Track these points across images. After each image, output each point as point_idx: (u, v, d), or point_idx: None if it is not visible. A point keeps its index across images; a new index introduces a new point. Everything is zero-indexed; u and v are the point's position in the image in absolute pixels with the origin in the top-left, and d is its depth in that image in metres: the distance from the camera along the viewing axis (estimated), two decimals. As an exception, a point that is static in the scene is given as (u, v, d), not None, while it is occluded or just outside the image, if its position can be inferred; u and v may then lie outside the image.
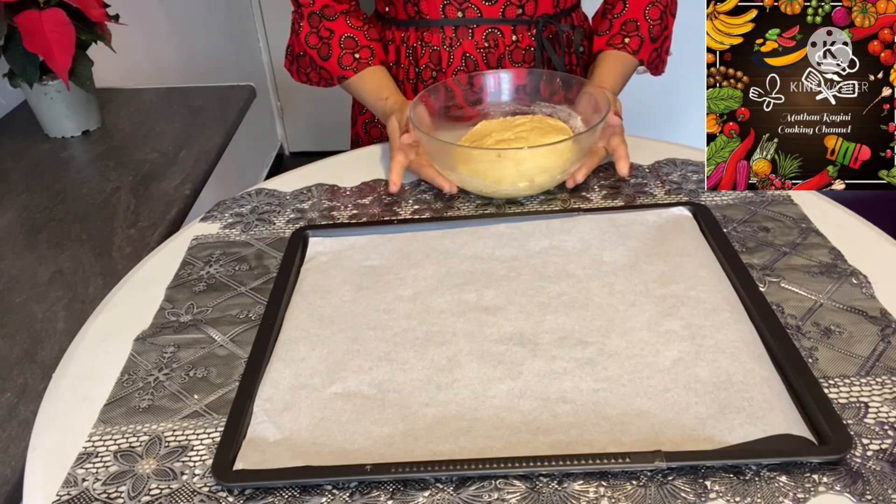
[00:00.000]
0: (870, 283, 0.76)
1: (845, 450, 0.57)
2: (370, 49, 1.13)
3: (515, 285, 0.78)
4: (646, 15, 1.12)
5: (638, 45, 1.11)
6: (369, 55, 1.13)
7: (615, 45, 1.11)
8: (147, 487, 0.60)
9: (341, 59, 1.12)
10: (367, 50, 1.13)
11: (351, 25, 1.13)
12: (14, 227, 1.09)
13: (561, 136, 0.96)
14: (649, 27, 1.11)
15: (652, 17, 1.12)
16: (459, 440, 0.61)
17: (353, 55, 1.12)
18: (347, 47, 1.12)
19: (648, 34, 1.12)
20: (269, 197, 1.00)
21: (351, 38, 1.12)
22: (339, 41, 1.12)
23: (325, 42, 1.13)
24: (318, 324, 0.75)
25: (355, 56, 1.12)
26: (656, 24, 1.12)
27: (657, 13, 1.12)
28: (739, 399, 0.62)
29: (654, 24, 1.12)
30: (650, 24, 1.12)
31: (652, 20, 1.12)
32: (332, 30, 1.12)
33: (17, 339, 0.86)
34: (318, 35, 1.13)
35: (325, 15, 1.13)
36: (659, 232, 0.84)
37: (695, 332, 0.69)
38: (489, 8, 1.12)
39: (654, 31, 1.12)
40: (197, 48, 2.34)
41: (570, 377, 0.66)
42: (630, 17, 1.12)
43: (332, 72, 1.14)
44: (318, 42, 1.13)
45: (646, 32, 1.11)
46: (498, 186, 0.91)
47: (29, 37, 1.20)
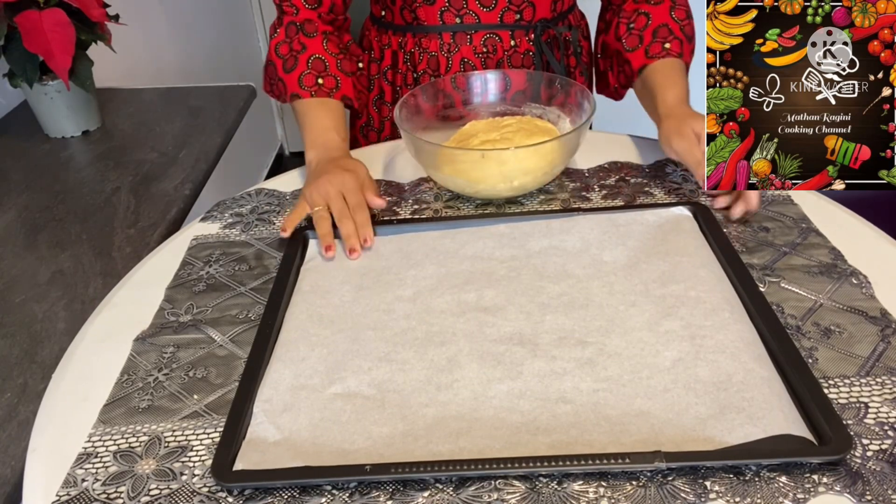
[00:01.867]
0: (870, 283, 0.76)
1: (845, 450, 0.57)
2: (335, 79, 1.04)
3: (515, 285, 0.78)
4: (673, 17, 1.05)
5: (679, 47, 1.03)
6: (333, 85, 1.04)
7: (656, 55, 1.02)
8: (147, 488, 0.60)
9: (303, 78, 1.03)
10: (332, 79, 1.04)
11: (326, 49, 1.05)
12: (14, 227, 1.09)
13: (546, 137, 0.96)
14: (680, 27, 1.05)
15: (679, 18, 1.05)
16: (459, 440, 0.61)
17: (316, 79, 1.03)
18: (314, 69, 1.04)
19: (682, 34, 1.05)
20: (269, 197, 1.00)
21: (321, 60, 1.04)
22: (308, 59, 1.04)
23: (294, 55, 1.05)
24: (317, 324, 0.75)
25: (318, 81, 1.03)
26: (686, 23, 1.06)
27: (683, 13, 1.06)
28: (739, 399, 0.62)
29: (684, 25, 1.06)
30: (680, 24, 1.05)
31: (680, 20, 1.05)
32: (305, 45, 1.05)
33: (17, 339, 0.85)
34: (290, 46, 1.05)
35: (304, 29, 1.06)
36: (659, 232, 0.84)
37: (695, 332, 0.69)
38: (487, 14, 1.11)
39: (686, 30, 1.05)
40: (196, 48, 2.34)
41: (569, 377, 0.66)
42: (658, 24, 1.04)
43: (288, 86, 1.04)
44: (287, 52, 1.05)
45: (679, 33, 1.04)
46: (477, 186, 0.91)
47: (29, 37, 1.20)
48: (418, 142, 0.92)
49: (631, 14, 1.08)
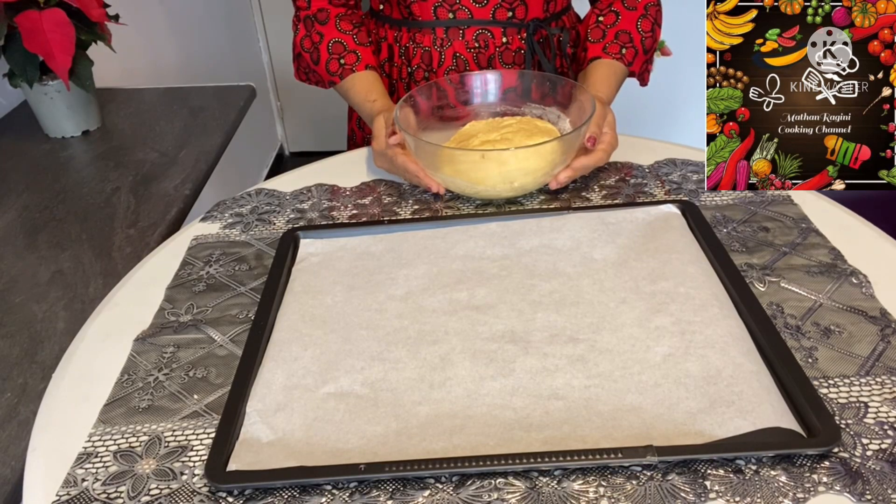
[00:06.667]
0: (870, 283, 0.76)
1: (834, 442, 0.58)
2: (356, 54, 1.12)
3: (507, 284, 0.78)
4: (638, 27, 1.12)
5: (632, 56, 1.12)
6: (354, 60, 1.12)
7: (612, 53, 1.10)
8: (147, 487, 0.60)
9: (329, 65, 1.13)
10: (352, 55, 1.12)
11: (340, 30, 1.13)
12: (14, 227, 1.09)
13: (546, 138, 0.96)
14: (642, 38, 1.12)
15: (644, 30, 1.12)
16: (453, 438, 0.61)
17: (338, 61, 1.12)
18: (335, 52, 1.12)
19: (641, 46, 1.12)
20: (268, 197, 1.00)
21: (339, 42, 1.12)
22: (328, 46, 1.12)
23: (316, 47, 1.13)
24: (309, 324, 0.75)
25: (341, 62, 1.12)
26: (648, 35, 1.13)
27: (648, 25, 1.13)
28: (729, 393, 0.63)
29: (646, 36, 1.12)
30: (642, 35, 1.12)
31: (644, 32, 1.12)
32: (322, 34, 1.13)
33: (17, 339, 0.86)
34: (311, 39, 1.14)
35: (318, 18, 1.14)
36: (648, 229, 0.84)
37: (684, 327, 0.70)
38: (480, 10, 1.13)
39: (646, 42, 1.13)
40: (196, 48, 2.34)
41: (561, 374, 0.66)
42: (623, 29, 1.12)
43: (322, 77, 1.15)
44: (311, 46, 1.14)
45: (639, 44, 1.12)
46: (478, 187, 0.91)
47: (29, 37, 1.20)
48: (418, 142, 0.92)
49: (604, 8, 1.15)
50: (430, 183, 0.94)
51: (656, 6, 1.16)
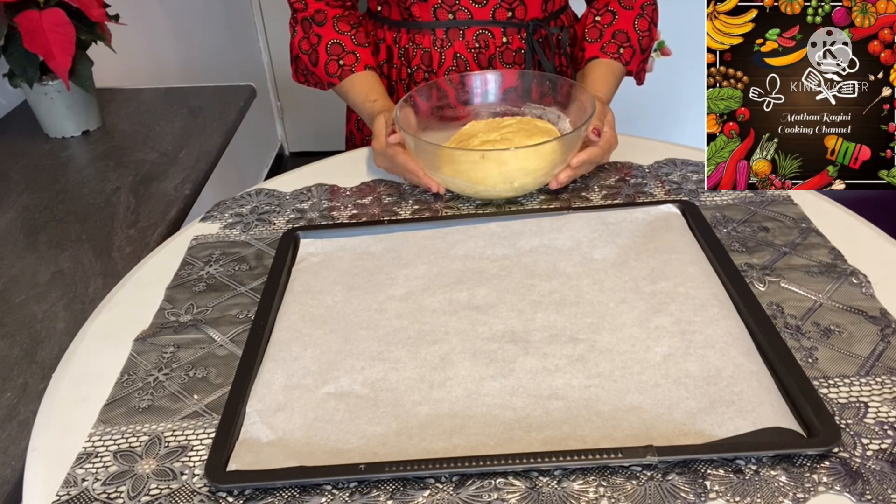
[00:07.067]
0: (870, 283, 0.76)
1: (834, 441, 0.58)
2: (354, 55, 1.12)
3: (507, 284, 0.78)
4: (635, 26, 1.13)
5: (630, 55, 1.12)
6: (353, 61, 1.12)
7: (610, 53, 1.11)
8: (147, 487, 0.60)
9: (327, 67, 1.12)
10: (351, 56, 1.12)
11: (338, 31, 1.13)
12: (14, 227, 1.09)
13: (546, 138, 0.96)
14: (639, 38, 1.13)
15: (641, 29, 1.13)
16: (453, 438, 0.61)
17: (337, 62, 1.12)
18: (333, 54, 1.12)
19: (639, 45, 1.13)
20: (268, 197, 1.00)
21: (337, 43, 1.12)
22: (326, 48, 1.12)
23: (314, 48, 1.13)
24: (309, 324, 0.75)
25: (340, 63, 1.12)
26: (645, 35, 1.13)
27: (645, 24, 1.14)
28: (729, 393, 0.63)
29: (643, 35, 1.13)
30: (639, 34, 1.13)
31: (641, 31, 1.13)
32: (321, 35, 1.13)
33: (17, 339, 0.85)
34: (309, 41, 1.14)
35: (315, 20, 1.13)
36: (648, 229, 0.84)
37: (684, 327, 0.70)
38: (479, 10, 1.13)
39: (643, 42, 1.13)
40: (197, 48, 2.34)
41: (561, 374, 0.66)
42: (620, 28, 1.12)
43: (321, 78, 1.15)
44: (309, 48, 1.14)
45: (636, 43, 1.12)
46: (478, 187, 0.91)
47: (29, 37, 1.20)
48: (418, 142, 0.92)
49: (601, 7, 1.16)
50: (430, 183, 0.94)
51: (653, 5, 1.16)
